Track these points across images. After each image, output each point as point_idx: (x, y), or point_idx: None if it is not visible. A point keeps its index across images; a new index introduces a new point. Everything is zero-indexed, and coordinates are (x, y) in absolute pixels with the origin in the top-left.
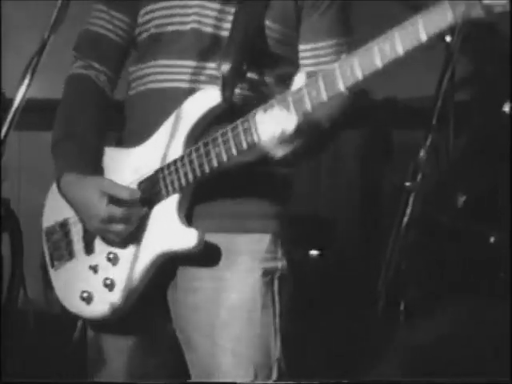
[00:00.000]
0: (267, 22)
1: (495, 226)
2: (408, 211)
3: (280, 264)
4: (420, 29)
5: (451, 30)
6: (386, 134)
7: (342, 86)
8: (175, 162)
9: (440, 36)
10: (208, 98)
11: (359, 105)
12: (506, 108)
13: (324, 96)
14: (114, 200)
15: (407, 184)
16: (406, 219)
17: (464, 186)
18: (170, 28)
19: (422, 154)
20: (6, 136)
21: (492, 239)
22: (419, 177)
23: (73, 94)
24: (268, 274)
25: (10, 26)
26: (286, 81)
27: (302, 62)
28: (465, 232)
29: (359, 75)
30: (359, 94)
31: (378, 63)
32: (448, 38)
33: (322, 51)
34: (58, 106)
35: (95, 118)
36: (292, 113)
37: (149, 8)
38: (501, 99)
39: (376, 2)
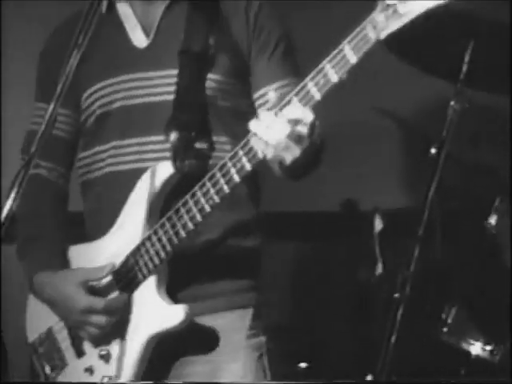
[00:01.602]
0: (216, 76)
1: (487, 339)
2: (397, 323)
3: (264, 338)
4: (349, 55)
5: (438, 141)
6: (372, 245)
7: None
8: (143, 243)
9: (426, 148)
10: (160, 171)
11: (347, 215)
12: (492, 220)
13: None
14: (92, 290)
15: (396, 296)
16: (395, 331)
17: (454, 297)
18: (116, 105)
19: (410, 264)
20: None
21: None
22: (408, 288)
23: (29, 194)
24: (256, 350)
25: None
26: (241, 137)
27: (262, 107)
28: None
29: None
30: (346, 204)
31: (318, 97)
32: (433, 150)
33: (281, 90)
34: None
35: (56, 215)
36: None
37: (90, 91)
38: (486, 212)
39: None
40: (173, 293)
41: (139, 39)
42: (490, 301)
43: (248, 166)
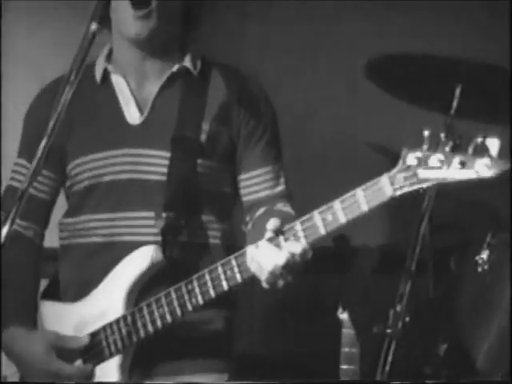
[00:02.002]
0: (207, 162)
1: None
2: (389, 359)
3: None
4: (361, 202)
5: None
6: (365, 281)
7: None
8: (118, 321)
9: None
10: (148, 254)
11: (339, 251)
12: (484, 256)
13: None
14: (62, 354)
15: (388, 331)
16: (387, 367)
17: (445, 333)
18: (106, 178)
19: (402, 300)
20: None
21: None
22: (400, 324)
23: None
24: None
25: None
26: (227, 218)
27: (243, 190)
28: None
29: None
30: (339, 239)
31: (322, 232)
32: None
33: (262, 178)
34: None
35: (29, 268)
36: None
37: (79, 160)
38: (476, 248)
39: None
40: (139, 369)
41: (133, 115)
42: (480, 336)
43: (239, 278)
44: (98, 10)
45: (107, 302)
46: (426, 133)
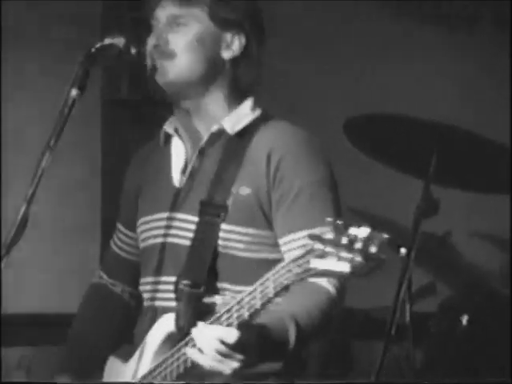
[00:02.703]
0: (227, 226)
1: None
2: None
3: None
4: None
5: (408, 241)
6: (344, 345)
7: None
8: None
9: (395, 248)
10: (166, 325)
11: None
12: (464, 320)
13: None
14: None
15: None
16: None
17: None
18: (150, 242)
19: (382, 364)
20: None
21: None
22: None
23: (92, 300)
24: None
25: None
26: (245, 283)
27: (285, 255)
28: None
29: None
30: None
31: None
32: (403, 250)
33: (299, 242)
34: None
35: (107, 326)
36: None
37: (138, 222)
38: (458, 311)
39: None
40: None
41: (177, 179)
42: None
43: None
44: (78, 76)
45: (138, 366)
46: (328, 219)
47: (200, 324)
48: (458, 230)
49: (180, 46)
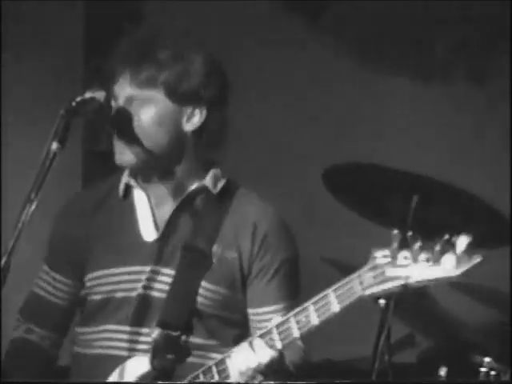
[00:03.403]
0: (208, 285)
1: None
2: None
3: None
4: (333, 302)
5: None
6: None
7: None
8: None
9: (374, 298)
10: (137, 366)
11: (297, 365)
12: (442, 372)
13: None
14: None
15: None
16: None
17: None
18: (119, 294)
19: None
20: None
21: None
22: None
23: (15, 357)
24: None
25: None
26: (234, 342)
27: (252, 324)
28: None
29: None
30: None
31: (296, 335)
32: (382, 301)
33: (270, 315)
34: None
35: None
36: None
37: (96, 274)
38: (437, 362)
39: None
40: None
41: (148, 232)
42: None
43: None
44: (59, 130)
45: None
46: (395, 232)
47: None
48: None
49: (140, 127)
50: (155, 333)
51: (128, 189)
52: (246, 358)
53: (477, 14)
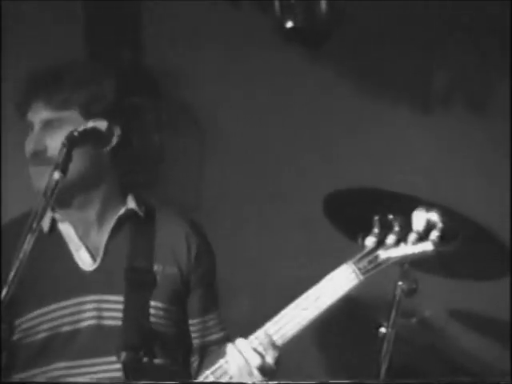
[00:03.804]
0: (157, 303)
1: None
2: None
3: None
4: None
5: (385, 319)
6: None
7: None
8: None
9: (376, 324)
10: None
11: None
12: None
13: None
14: None
15: None
16: None
17: None
18: (65, 329)
19: None
20: None
21: None
22: None
23: None
24: None
25: None
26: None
27: (191, 334)
28: None
29: None
30: None
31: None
32: (383, 329)
33: (209, 323)
34: None
35: None
36: None
37: (34, 313)
38: None
39: None
40: None
41: (86, 262)
42: None
43: None
44: (61, 158)
45: None
46: (376, 217)
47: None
48: (437, 308)
49: (56, 149)
50: (122, 357)
51: (52, 223)
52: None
53: (475, 39)
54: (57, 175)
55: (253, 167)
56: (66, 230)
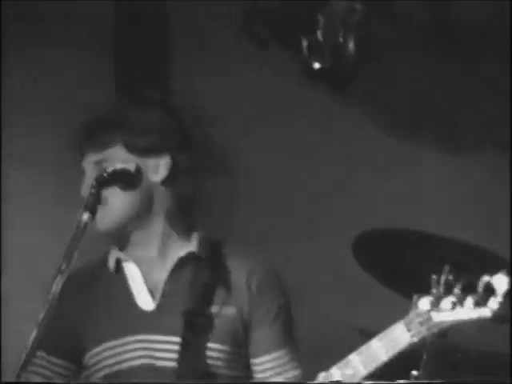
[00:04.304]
0: (214, 345)
1: None
2: None
3: None
4: (379, 352)
5: (418, 364)
6: None
7: None
8: None
9: (407, 368)
10: None
11: None
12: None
13: None
14: None
15: None
16: None
17: None
18: (124, 365)
19: None
20: None
21: None
22: None
23: None
24: None
25: None
26: None
27: (257, 375)
28: None
29: None
30: None
31: None
32: (415, 372)
33: (280, 361)
34: None
35: None
36: None
37: (96, 350)
38: None
39: None
40: None
41: (145, 302)
42: None
43: None
44: (91, 200)
45: None
46: (434, 277)
47: None
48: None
49: (109, 190)
50: None
51: (118, 262)
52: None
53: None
54: (86, 216)
55: (280, 206)
56: (130, 269)
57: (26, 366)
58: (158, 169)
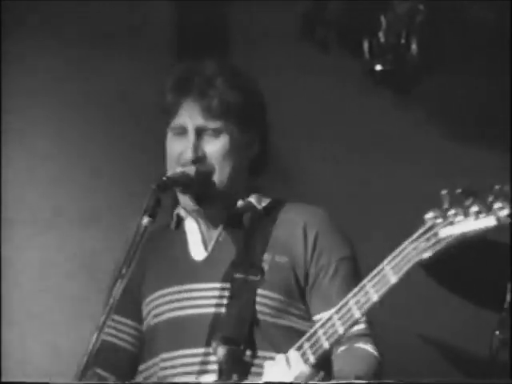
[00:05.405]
0: (264, 291)
1: None
2: None
3: None
4: (389, 274)
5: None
6: None
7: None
8: None
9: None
10: None
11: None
12: None
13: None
14: None
15: None
16: None
17: None
18: (167, 315)
19: None
20: None
21: None
22: None
23: None
24: None
25: None
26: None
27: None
28: None
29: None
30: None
31: (357, 315)
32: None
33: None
34: None
35: None
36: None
37: (147, 300)
38: None
39: None
40: None
41: (198, 252)
42: None
43: None
44: (150, 204)
45: None
46: (443, 192)
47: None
48: None
49: (219, 159)
50: (220, 352)
51: (179, 220)
52: (282, 373)
53: None
54: (146, 220)
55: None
56: (190, 224)
57: (88, 368)
58: (253, 145)
